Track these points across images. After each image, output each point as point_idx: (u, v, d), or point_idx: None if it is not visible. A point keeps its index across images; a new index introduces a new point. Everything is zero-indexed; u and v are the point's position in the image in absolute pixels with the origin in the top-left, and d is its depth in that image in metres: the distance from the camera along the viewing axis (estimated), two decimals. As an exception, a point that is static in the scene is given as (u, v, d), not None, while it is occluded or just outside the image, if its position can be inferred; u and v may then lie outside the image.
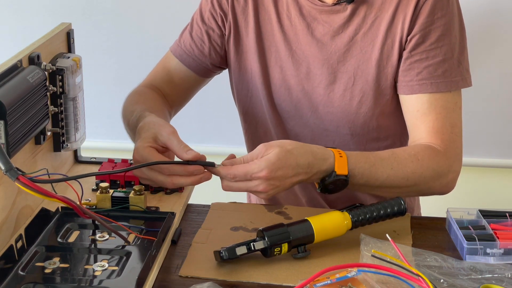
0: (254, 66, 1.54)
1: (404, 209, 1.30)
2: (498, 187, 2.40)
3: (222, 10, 1.55)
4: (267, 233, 1.22)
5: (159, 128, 1.30)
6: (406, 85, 1.46)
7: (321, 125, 1.53)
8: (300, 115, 1.53)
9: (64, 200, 1.14)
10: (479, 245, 1.25)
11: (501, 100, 2.23)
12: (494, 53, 2.18)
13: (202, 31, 1.57)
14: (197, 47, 1.58)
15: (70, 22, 1.48)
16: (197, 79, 1.61)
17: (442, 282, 1.17)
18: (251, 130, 1.62)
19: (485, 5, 2.11)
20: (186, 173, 1.26)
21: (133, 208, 1.33)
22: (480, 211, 1.36)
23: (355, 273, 1.13)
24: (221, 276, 1.19)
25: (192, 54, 1.58)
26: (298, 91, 1.52)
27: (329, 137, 1.53)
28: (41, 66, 1.30)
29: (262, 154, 1.27)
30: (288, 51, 1.51)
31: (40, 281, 1.13)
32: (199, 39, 1.57)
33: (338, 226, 1.26)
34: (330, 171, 1.32)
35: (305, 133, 1.54)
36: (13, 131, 1.17)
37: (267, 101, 1.55)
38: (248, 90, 1.58)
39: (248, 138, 1.65)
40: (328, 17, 1.48)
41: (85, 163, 1.55)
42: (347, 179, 1.32)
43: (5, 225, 1.20)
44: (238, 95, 1.61)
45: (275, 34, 1.52)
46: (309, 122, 1.53)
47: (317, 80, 1.50)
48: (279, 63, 1.52)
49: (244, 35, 1.55)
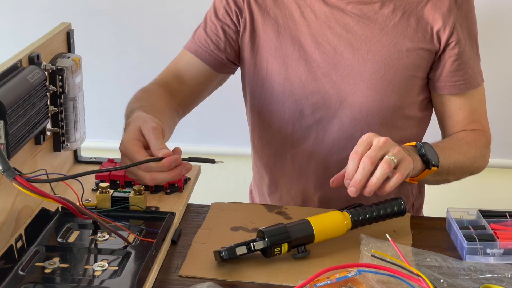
0: (273, 63, 1.54)
1: (404, 209, 1.30)
2: (498, 187, 2.40)
3: (237, 6, 1.55)
4: (267, 233, 1.22)
5: (143, 122, 1.29)
6: (453, 85, 1.53)
7: (350, 114, 1.53)
8: (327, 106, 1.53)
9: (60, 201, 1.14)
10: (479, 245, 1.25)
11: (501, 100, 2.23)
12: (494, 53, 2.18)
13: (217, 27, 1.57)
14: (212, 42, 1.58)
15: (70, 22, 1.48)
16: (211, 74, 1.60)
17: (442, 282, 1.17)
18: (264, 127, 1.62)
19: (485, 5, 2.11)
20: (163, 169, 1.25)
21: (133, 208, 1.33)
22: (480, 211, 1.36)
23: (355, 273, 1.13)
24: (221, 276, 1.19)
25: (208, 49, 1.58)
26: (325, 82, 1.52)
27: (357, 126, 1.53)
28: (41, 66, 1.30)
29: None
30: (314, 43, 1.51)
31: (40, 281, 1.13)
32: (214, 35, 1.58)
33: (338, 226, 1.26)
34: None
35: (333, 123, 1.54)
36: (13, 131, 1.17)
37: (288, 96, 1.55)
38: (263, 87, 1.57)
39: (258, 136, 1.65)
40: (355, 7, 1.50)
41: (85, 163, 1.55)
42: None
43: (5, 225, 1.21)
44: (252, 92, 1.61)
45: (298, 28, 1.52)
46: (338, 112, 1.53)
47: (347, 70, 1.51)
48: (303, 57, 1.52)
49: (261, 32, 1.55)
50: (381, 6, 1.49)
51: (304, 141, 1.57)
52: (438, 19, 1.48)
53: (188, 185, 1.45)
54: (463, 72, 1.52)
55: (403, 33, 1.49)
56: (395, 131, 1.56)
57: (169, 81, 1.59)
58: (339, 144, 1.55)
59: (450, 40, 1.49)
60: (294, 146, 1.59)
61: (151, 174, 1.25)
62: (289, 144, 1.59)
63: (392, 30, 1.49)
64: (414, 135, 1.60)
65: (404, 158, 1.28)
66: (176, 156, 1.25)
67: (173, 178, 1.27)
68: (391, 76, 1.50)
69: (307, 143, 1.57)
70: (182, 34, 1.72)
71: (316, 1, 1.51)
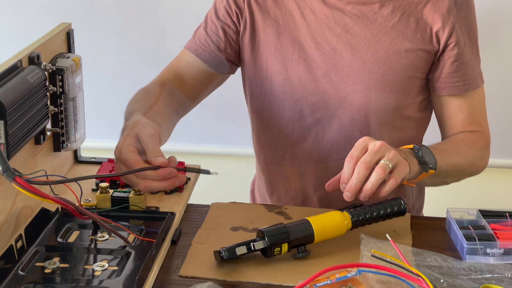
0: (273, 63, 1.54)
1: (404, 209, 1.30)
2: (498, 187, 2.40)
3: (238, 7, 1.56)
4: (267, 233, 1.22)
5: (141, 128, 1.30)
6: (452, 86, 1.53)
7: (349, 114, 1.53)
8: (327, 106, 1.54)
9: (60, 201, 1.14)
10: (479, 245, 1.25)
11: (501, 100, 2.23)
12: (494, 53, 2.18)
13: (217, 27, 1.58)
14: (212, 42, 1.58)
15: (70, 22, 1.48)
16: (211, 74, 1.60)
17: (442, 282, 1.17)
18: (263, 127, 1.62)
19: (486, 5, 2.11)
20: (158, 178, 1.26)
21: (133, 208, 1.33)
22: (480, 211, 1.36)
23: (355, 273, 1.13)
24: (221, 276, 1.19)
25: (208, 49, 1.58)
26: (325, 82, 1.52)
27: (357, 126, 1.54)
28: (41, 66, 1.30)
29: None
30: (314, 44, 1.52)
31: (40, 281, 1.13)
32: (214, 35, 1.58)
33: (338, 226, 1.26)
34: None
35: (332, 123, 1.54)
36: (13, 131, 1.17)
37: (288, 96, 1.55)
38: (263, 87, 1.57)
39: (257, 136, 1.65)
40: (354, 7, 1.50)
41: (85, 163, 1.54)
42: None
43: (5, 225, 1.20)
44: (252, 92, 1.61)
45: (298, 29, 1.52)
46: (337, 112, 1.54)
47: (346, 71, 1.51)
48: (303, 57, 1.52)
49: (261, 32, 1.55)
50: (380, 6, 1.49)
51: (303, 141, 1.57)
52: (437, 20, 1.48)
53: (188, 185, 1.45)
54: (463, 73, 1.52)
55: (402, 33, 1.49)
56: (394, 131, 1.56)
57: (169, 81, 1.59)
58: (339, 144, 1.55)
59: (449, 41, 1.49)
60: (294, 146, 1.59)
61: (145, 181, 1.26)
62: (288, 144, 1.59)
63: (391, 31, 1.49)
64: (414, 135, 1.60)
65: (399, 162, 1.28)
66: (172, 169, 1.27)
67: (166, 188, 1.29)
68: (390, 76, 1.50)
69: (307, 143, 1.57)
70: (182, 34, 1.72)
71: (316, 2, 1.52)
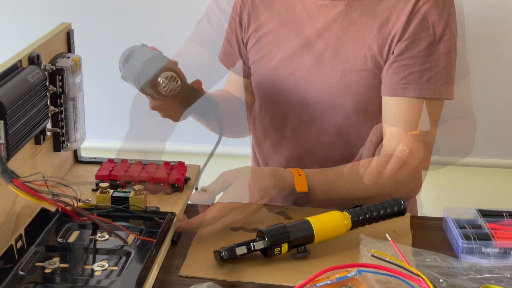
0: (277, 55, 1.55)
1: (404, 209, 1.30)
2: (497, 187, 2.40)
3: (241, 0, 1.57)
4: (267, 233, 1.22)
5: None
6: (391, 87, 1.48)
7: (354, 103, 1.53)
8: (332, 96, 1.53)
9: (57, 204, 1.14)
10: (474, 244, 1.25)
11: (501, 100, 2.23)
12: (494, 53, 2.18)
13: (221, 20, 1.59)
14: (217, 33, 1.59)
15: (70, 22, 1.48)
16: (215, 65, 1.62)
17: (441, 282, 1.17)
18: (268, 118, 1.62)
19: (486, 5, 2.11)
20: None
21: (133, 208, 1.33)
22: (479, 210, 1.36)
23: (355, 273, 1.13)
24: (221, 276, 1.19)
25: (212, 39, 1.60)
26: (328, 72, 1.52)
27: (361, 114, 1.54)
28: (41, 66, 1.30)
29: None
30: (317, 35, 1.52)
31: (40, 281, 1.13)
32: (218, 27, 1.59)
33: (338, 226, 1.26)
34: (291, 190, 1.38)
35: (337, 111, 1.54)
36: (13, 131, 1.17)
37: (293, 87, 1.55)
38: (268, 78, 1.57)
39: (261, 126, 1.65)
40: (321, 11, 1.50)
41: (85, 163, 1.55)
42: (309, 196, 1.38)
43: (5, 225, 1.21)
44: (256, 85, 1.61)
45: (302, 20, 1.52)
46: (342, 100, 1.53)
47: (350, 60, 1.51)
48: (307, 48, 1.52)
49: (265, 24, 1.55)
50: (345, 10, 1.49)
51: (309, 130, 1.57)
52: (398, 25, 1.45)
53: (188, 185, 1.45)
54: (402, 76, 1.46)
55: (363, 40, 1.49)
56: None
57: None
58: (343, 132, 1.55)
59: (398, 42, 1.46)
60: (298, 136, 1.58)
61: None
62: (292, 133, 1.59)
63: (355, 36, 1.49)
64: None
65: (413, 148, 1.30)
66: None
67: None
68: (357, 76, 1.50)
69: (312, 132, 1.57)
70: (182, 34, 1.72)
71: None
